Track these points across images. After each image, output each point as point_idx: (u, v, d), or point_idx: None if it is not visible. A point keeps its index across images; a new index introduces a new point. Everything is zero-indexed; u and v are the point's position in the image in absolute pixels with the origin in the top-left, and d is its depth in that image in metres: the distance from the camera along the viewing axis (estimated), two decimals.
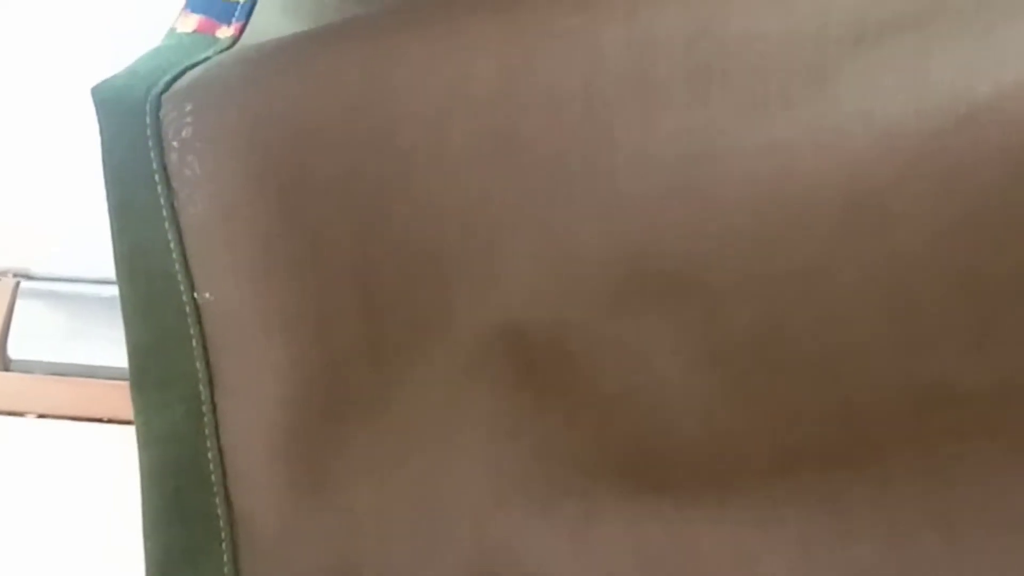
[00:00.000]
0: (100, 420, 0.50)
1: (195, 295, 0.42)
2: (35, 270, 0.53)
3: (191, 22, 0.53)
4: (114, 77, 0.46)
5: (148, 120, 0.43)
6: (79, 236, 0.53)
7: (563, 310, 0.41)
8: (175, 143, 0.42)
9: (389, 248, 0.41)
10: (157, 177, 0.42)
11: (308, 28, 0.50)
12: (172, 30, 0.52)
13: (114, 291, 0.45)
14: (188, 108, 0.43)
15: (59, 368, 0.50)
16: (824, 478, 0.40)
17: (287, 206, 0.41)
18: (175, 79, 0.45)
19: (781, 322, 0.39)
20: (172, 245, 0.42)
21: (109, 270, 0.46)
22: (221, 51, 0.49)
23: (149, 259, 0.43)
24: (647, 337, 0.41)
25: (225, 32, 0.52)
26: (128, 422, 0.46)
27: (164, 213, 0.42)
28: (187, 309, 0.42)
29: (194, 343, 0.42)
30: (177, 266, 0.42)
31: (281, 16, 0.52)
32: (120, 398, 0.48)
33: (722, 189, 0.39)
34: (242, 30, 0.52)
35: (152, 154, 0.42)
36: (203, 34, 0.51)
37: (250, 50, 0.46)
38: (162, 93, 0.44)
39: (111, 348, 0.50)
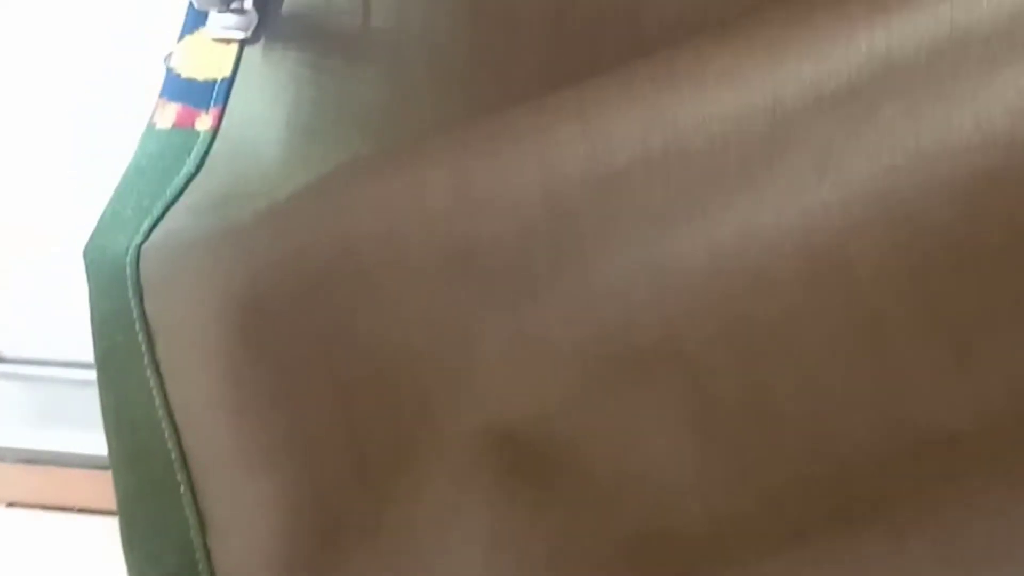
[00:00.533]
0: (71, 510, 0.50)
1: (180, 443, 0.43)
2: (6, 352, 0.54)
3: (169, 114, 0.54)
4: (100, 230, 0.48)
5: (129, 272, 0.45)
6: (52, 318, 0.53)
7: (544, 404, 0.42)
8: (153, 292, 0.44)
9: (360, 366, 0.42)
10: (138, 326, 0.44)
11: (286, 112, 0.51)
12: (151, 126, 0.53)
13: (88, 375, 0.46)
14: (161, 258, 0.45)
15: (30, 455, 0.51)
16: (836, 540, 0.40)
17: (251, 341, 0.42)
18: (157, 221, 0.47)
19: (764, 386, 0.40)
20: (155, 393, 0.43)
21: (82, 353, 0.47)
22: (202, 155, 0.50)
23: (133, 409, 0.44)
24: (633, 418, 0.41)
25: (204, 123, 0.53)
26: (100, 512, 0.46)
27: (145, 360, 0.44)
28: (173, 456, 0.43)
29: (182, 490, 0.43)
30: (161, 413, 0.43)
31: (259, 97, 0.54)
32: (92, 487, 0.49)
33: (688, 261, 0.41)
34: (220, 116, 0.54)
35: (132, 303, 0.44)
36: (182, 129, 0.53)
37: (216, 194, 0.48)
38: (143, 242, 0.46)
39: (83, 434, 0.50)
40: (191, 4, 0.55)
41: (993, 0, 0.36)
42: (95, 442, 0.46)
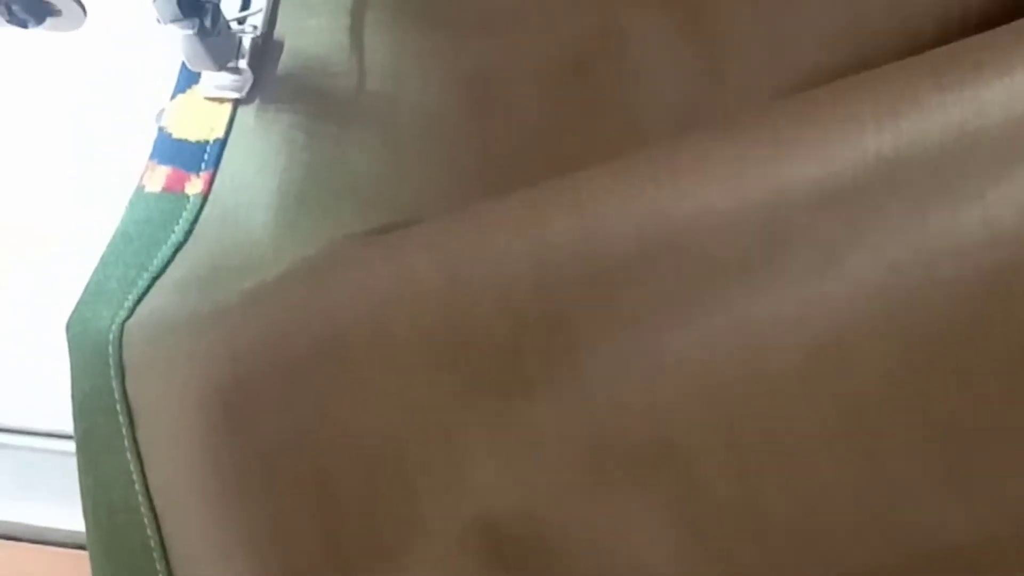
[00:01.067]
0: None
1: (160, 530, 0.42)
2: None
3: (159, 178, 0.53)
4: (84, 301, 0.47)
5: (111, 351, 0.44)
6: (33, 385, 0.52)
7: (532, 496, 0.41)
8: (135, 373, 0.43)
9: (342, 453, 0.42)
10: (119, 407, 0.43)
11: (277, 178, 0.51)
12: (140, 189, 0.52)
13: (68, 446, 0.45)
14: (145, 337, 0.44)
15: (5, 528, 0.49)
16: None
17: (231, 426, 0.42)
18: (142, 296, 0.46)
19: (755, 484, 0.39)
20: (134, 476, 0.43)
21: (63, 423, 0.46)
22: (191, 222, 0.49)
23: (112, 492, 0.43)
24: (623, 516, 0.41)
25: (194, 187, 0.52)
26: None
27: (125, 443, 0.43)
28: (151, 544, 0.42)
29: None
30: (140, 498, 0.43)
31: (250, 161, 0.53)
32: (69, 569, 0.47)
33: (683, 357, 0.40)
34: (211, 180, 0.53)
35: (114, 383, 0.43)
36: (171, 193, 0.52)
37: (204, 268, 0.47)
38: (126, 319, 0.45)
39: (62, 509, 0.49)
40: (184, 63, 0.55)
41: (1005, 106, 0.36)
42: (74, 518, 0.44)
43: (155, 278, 0.47)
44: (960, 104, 0.37)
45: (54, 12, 0.43)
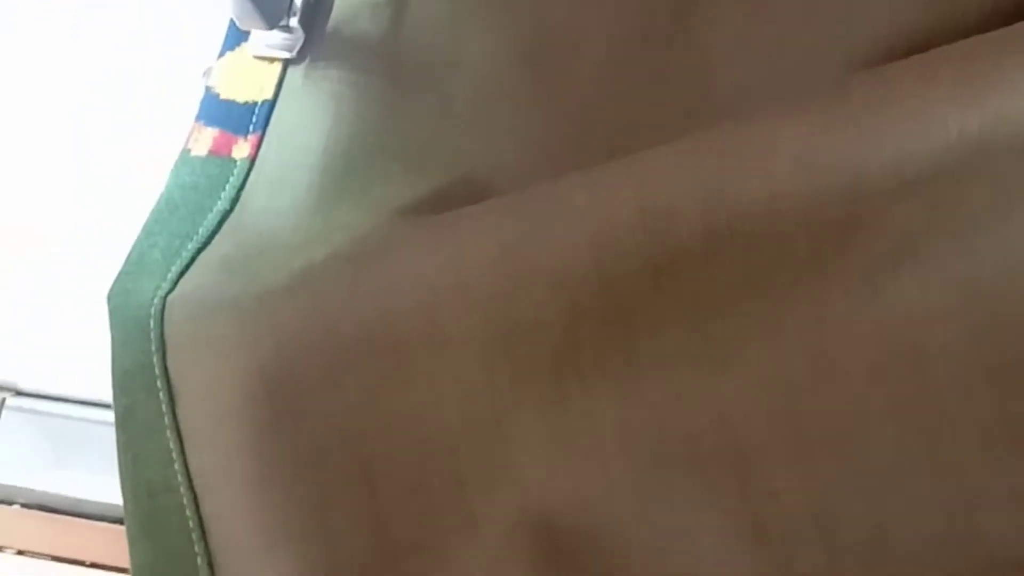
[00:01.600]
0: (83, 564, 0.47)
1: (199, 511, 0.41)
2: (24, 385, 0.51)
3: (206, 140, 0.51)
4: (126, 272, 0.45)
5: (152, 324, 0.42)
6: (74, 352, 0.51)
7: (587, 493, 0.40)
8: (177, 350, 0.42)
9: (391, 444, 0.40)
10: (159, 383, 0.42)
11: (325, 140, 0.48)
12: (186, 152, 0.50)
13: (107, 415, 0.44)
14: (188, 315, 0.42)
15: (42, 498, 0.49)
16: None
17: (276, 412, 0.40)
18: (186, 268, 0.44)
19: (824, 488, 0.38)
20: (174, 455, 0.41)
21: (102, 392, 0.45)
22: (238, 188, 0.47)
23: (151, 472, 0.42)
24: (683, 515, 0.39)
25: (241, 151, 0.50)
26: (113, 568, 0.44)
27: (166, 421, 0.41)
28: (191, 524, 0.41)
29: (199, 562, 0.41)
30: (180, 478, 0.41)
31: (298, 123, 0.51)
32: (105, 543, 0.46)
33: (750, 350, 0.38)
34: (259, 143, 0.51)
35: (155, 359, 0.42)
36: (218, 157, 0.50)
37: (249, 243, 0.45)
38: (169, 293, 0.43)
39: (99, 479, 0.48)
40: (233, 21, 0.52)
41: None
42: (111, 491, 0.43)
43: (200, 249, 0.45)
44: None
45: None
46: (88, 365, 0.48)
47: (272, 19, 0.50)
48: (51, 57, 0.58)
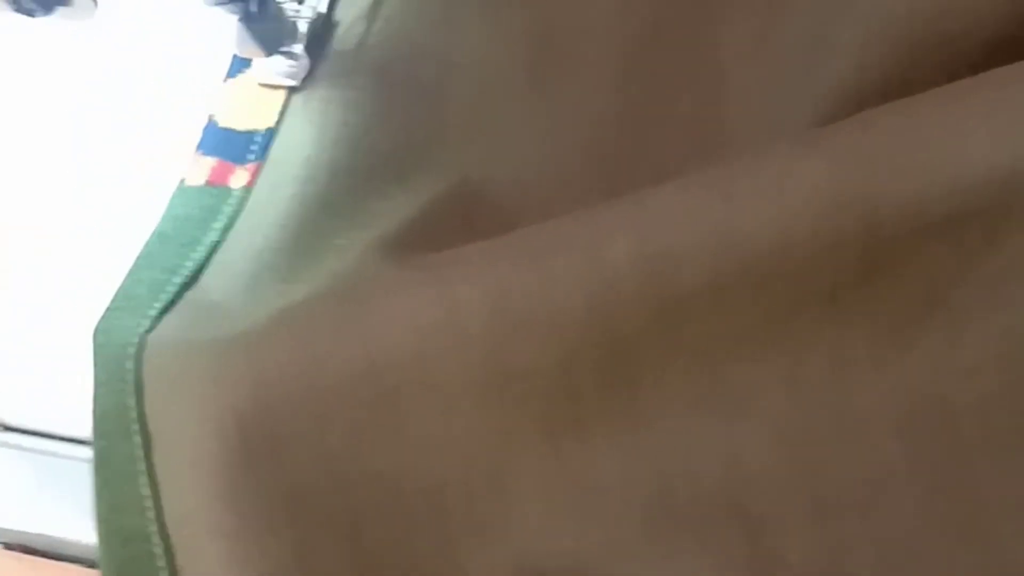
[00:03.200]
0: None
1: (172, 563, 0.39)
2: (8, 420, 0.50)
3: (203, 170, 0.50)
4: (112, 309, 0.44)
5: (131, 366, 0.41)
6: (62, 387, 0.50)
7: (583, 548, 0.38)
8: (154, 393, 0.40)
9: (378, 494, 0.39)
10: (135, 426, 0.40)
11: (322, 171, 0.47)
12: (182, 183, 0.49)
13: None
14: (166, 353, 0.41)
15: (22, 537, 0.47)
16: None
17: (254, 457, 0.38)
18: (169, 305, 0.43)
19: (840, 554, 0.36)
20: (148, 503, 0.40)
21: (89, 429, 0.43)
22: (231, 218, 0.46)
23: (125, 518, 0.40)
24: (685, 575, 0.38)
25: (239, 179, 0.49)
26: None
27: (141, 466, 0.40)
28: None
29: None
30: (153, 527, 0.40)
31: (295, 152, 0.49)
32: None
33: (764, 403, 0.37)
34: (257, 171, 0.50)
35: (132, 401, 0.40)
36: (214, 187, 0.49)
37: (232, 282, 0.44)
38: (149, 331, 0.42)
39: (84, 520, 0.47)
40: None
41: None
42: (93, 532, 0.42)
43: (186, 284, 0.44)
44: None
45: (64, 1, 0.40)
46: (76, 401, 0.47)
47: (271, 47, 0.49)
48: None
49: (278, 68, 0.52)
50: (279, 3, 0.51)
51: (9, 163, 0.55)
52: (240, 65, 0.54)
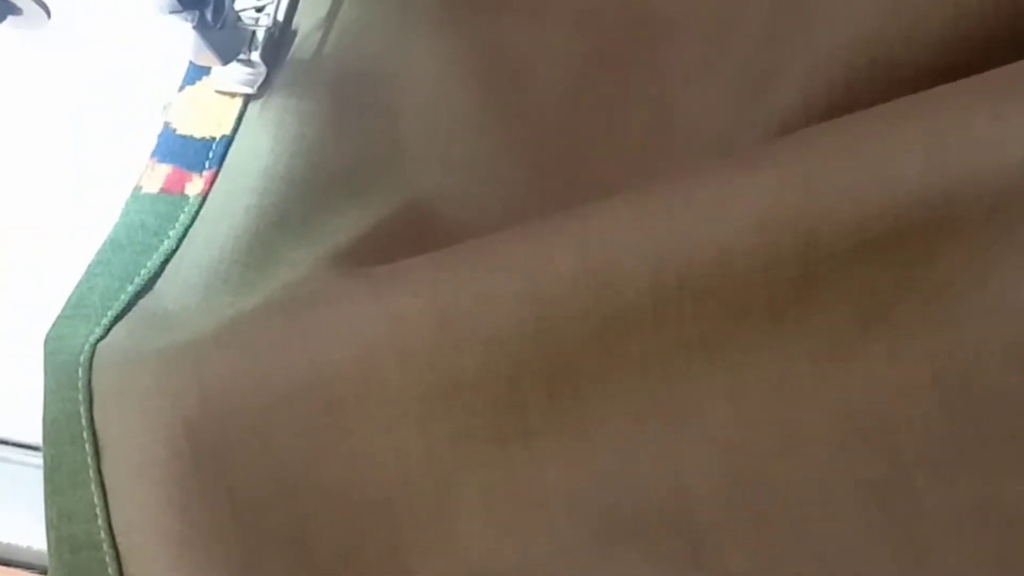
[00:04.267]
0: None
1: (122, 571, 0.40)
2: None
3: (158, 177, 0.50)
4: (63, 316, 0.44)
5: (81, 375, 0.41)
6: (14, 393, 0.50)
7: (530, 559, 0.39)
8: (103, 401, 0.41)
9: (324, 506, 0.39)
10: (85, 434, 0.41)
11: (273, 160, 0.48)
12: (137, 190, 0.50)
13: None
14: (116, 362, 0.41)
15: None
16: None
17: (202, 466, 0.39)
18: (121, 313, 0.43)
19: (780, 567, 0.37)
20: (97, 511, 0.40)
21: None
22: (186, 227, 0.47)
23: (74, 526, 0.41)
24: None
25: (195, 187, 0.50)
26: None
27: (91, 475, 0.40)
28: None
29: None
30: (102, 535, 0.40)
31: (251, 160, 0.50)
32: None
33: (707, 413, 0.37)
34: (214, 178, 0.50)
35: (82, 409, 0.41)
36: (170, 194, 0.49)
37: (183, 287, 0.45)
38: (100, 339, 0.42)
39: (34, 526, 0.47)
40: None
41: None
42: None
43: (138, 293, 0.44)
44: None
45: (14, 11, 0.40)
46: (28, 407, 0.47)
47: (226, 55, 0.49)
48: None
49: (235, 75, 0.53)
50: (237, 11, 0.51)
51: None
52: (197, 72, 0.54)
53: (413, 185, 0.46)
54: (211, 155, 0.51)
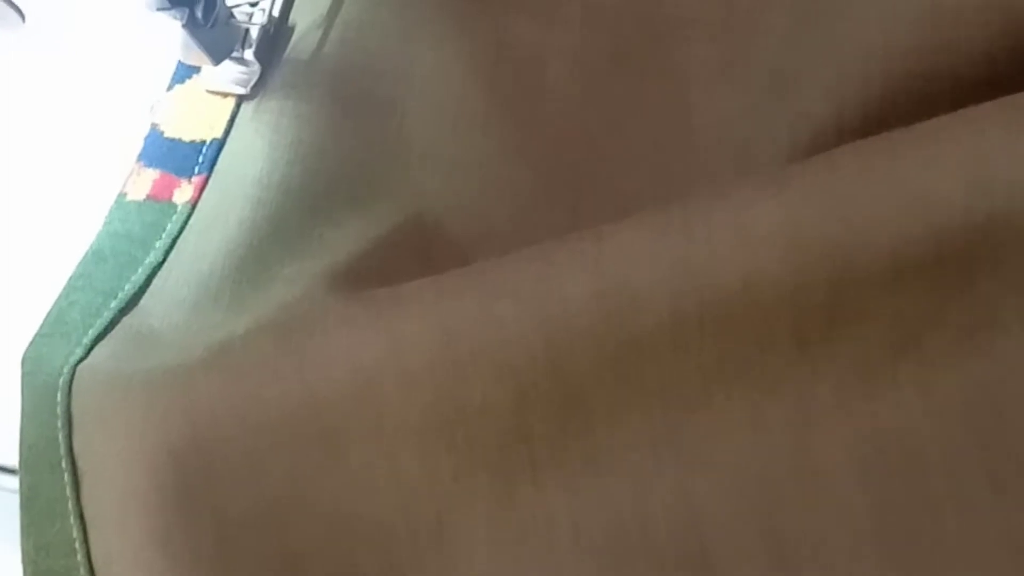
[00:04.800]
0: None
1: None
2: None
3: (144, 183, 0.48)
4: (41, 333, 0.42)
5: (60, 398, 0.39)
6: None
7: None
8: (83, 426, 0.39)
9: (318, 536, 0.37)
10: (64, 462, 0.39)
11: (270, 167, 0.45)
12: (121, 197, 0.47)
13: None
14: (97, 384, 0.39)
15: None
16: None
17: (188, 497, 0.37)
18: (103, 332, 0.41)
19: None
20: (77, 545, 0.38)
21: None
22: (173, 238, 0.44)
23: (52, 560, 0.38)
24: None
25: (184, 194, 0.47)
26: None
27: (69, 506, 0.38)
28: None
29: None
30: (82, 570, 0.38)
31: (242, 161, 0.47)
32: None
33: (725, 450, 0.36)
34: (204, 184, 0.48)
35: (60, 435, 0.39)
36: (157, 201, 0.47)
37: (170, 304, 0.42)
38: (81, 360, 0.40)
39: (12, 554, 0.45)
40: None
41: None
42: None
43: (122, 310, 0.42)
44: None
45: None
46: (7, 428, 0.45)
47: (217, 55, 0.47)
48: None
49: (227, 74, 0.50)
50: (230, 7, 0.49)
51: None
52: (185, 72, 0.52)
53: (415, 192, 0.44)
54: (201, 159, 0.48)
